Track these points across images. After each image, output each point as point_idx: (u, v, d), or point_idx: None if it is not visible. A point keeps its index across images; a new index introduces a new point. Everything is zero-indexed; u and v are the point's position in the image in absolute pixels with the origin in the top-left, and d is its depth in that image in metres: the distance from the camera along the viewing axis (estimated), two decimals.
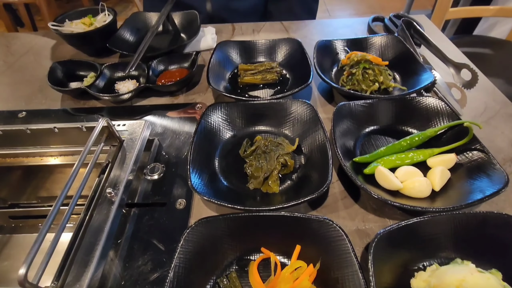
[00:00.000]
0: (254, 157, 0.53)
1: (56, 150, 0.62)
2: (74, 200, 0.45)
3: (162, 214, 0.50)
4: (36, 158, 0.63)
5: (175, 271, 0.37)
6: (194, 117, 0.66)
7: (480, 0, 1.98)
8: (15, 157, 0.63)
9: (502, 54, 1.49)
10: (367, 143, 0.57)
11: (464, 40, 1.63)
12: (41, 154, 0.62)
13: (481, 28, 2.11)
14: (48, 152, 0.62)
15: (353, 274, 0.36)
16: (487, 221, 0.40)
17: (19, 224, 0.69)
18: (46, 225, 0.39)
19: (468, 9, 1.60)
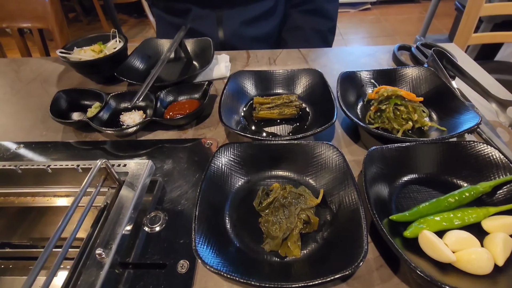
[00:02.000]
0: (271, 211, 0.45)
1: (50, 191, 0.56)
2: (65, 247, 0.39)
3: (160, 279, 0.42)
4: (28, 199, 0.57)
5: None
6: (203, 155, 0.60)
7: (503, 26, 1.91)
8: (6, 196, 0.57)
9: None
10: (405, 197, 0.48)
11: (487, 66, 1.55)
12: (33, 194, 0.57)
13: (502, 54, 2.03)
14: (41, 192, 0.56)
15: None
16: None
17: (9, 266, 0.63)
18: (34, 271, 0.31)
19: (491, 35, 1.54)
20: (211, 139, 0.63)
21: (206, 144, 0.62)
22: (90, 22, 3.57)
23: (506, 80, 1.43)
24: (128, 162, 0.54)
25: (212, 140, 0.63)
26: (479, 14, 1.35)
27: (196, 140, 0.63)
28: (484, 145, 0.48)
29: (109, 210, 0.48)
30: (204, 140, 0.63)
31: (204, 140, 0.63)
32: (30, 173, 0.53)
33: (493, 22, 1.97)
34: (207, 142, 0.62)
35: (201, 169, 0.57)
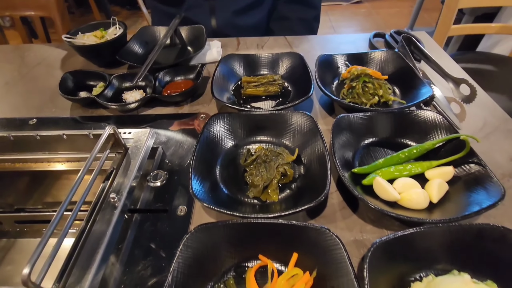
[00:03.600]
0: (254, 166, 0.54)
1: (64, 156, 0.64)
2: (78, 206, 0.47)
3: (163, 221, 0.51)
4: (44, 164, 0.65)
5: (173, 275, 0.38)
6: (197, 127, 0.68)
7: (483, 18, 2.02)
8: (24, 162, 0.65)
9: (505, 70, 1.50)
10: (366, 155, 0.58)
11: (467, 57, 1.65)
12: (49, 160, 0.65)
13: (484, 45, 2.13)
14: (55, 158, 0.64)
15: (349, 283, 0.36)
16: (483, 234, 0.40)
17: (24, 229, 0.70)
18: (50, 229, 0.40)
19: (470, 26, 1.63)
20: (204, 114, 0.72)
21: (200, 117, 0.71)
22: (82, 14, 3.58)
23: (482, 69, 1.54)
24: (133, 130, 0.63)
25: (205, 114, 0.71)
26: (458, 6, 1.44)
27: (191, 115, 0.72)
28: (430, 112, 0.58)
29: (117, 170, 0.56)
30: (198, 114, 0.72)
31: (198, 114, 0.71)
32: (47, 140, 0.61)
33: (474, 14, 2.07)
34: (201, 115, 0.71)
35: (196, 138, 0.65)
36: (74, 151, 0.64)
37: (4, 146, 0.62)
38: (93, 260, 0.43)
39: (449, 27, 1.53)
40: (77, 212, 0.46)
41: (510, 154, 0.59)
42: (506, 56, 1.65)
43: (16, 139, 0.61)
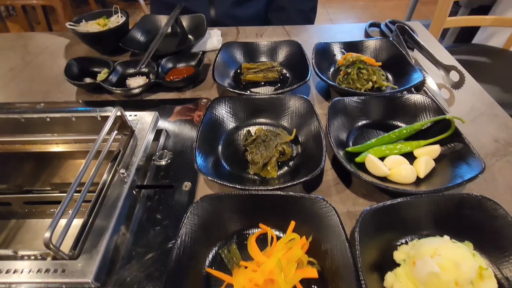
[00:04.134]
0: (255, 146, 0.58)
1: (72, 138, 0.67)
2: (88, 182, 0.49)
3: (169, 195, 0.54)
4: (53, 146, 0.68)
5: (181, 239, 0.41)
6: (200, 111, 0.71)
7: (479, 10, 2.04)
8: (34, 144, 0.68)
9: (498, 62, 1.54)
10: (359, 136, 0.61)
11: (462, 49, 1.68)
12: (57, 141, 0.67)
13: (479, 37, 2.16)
14: (64, 140, 0.67)
15: (341, 245, 0.40)
16: (463, 202, 0.44)
17: (32, 210, 0.73)
18: (67, 198, 0.43)
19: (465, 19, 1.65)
20: (206, 99, 0.75)
21: (202, 102, 0.74)
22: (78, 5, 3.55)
23: (476, 61, 1.57)
24: (138, 113, 0.66)
25: (206, 99, 0.74)
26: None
27: (193, 100, 0.75)
28: (420, 96, 0.61)
29: (124, 150, 0.59)
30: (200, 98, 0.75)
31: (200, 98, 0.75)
32: (57, 121, 0.64)
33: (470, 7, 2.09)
34: (202, 100, 0.74)
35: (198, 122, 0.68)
36: (82, 133, 0.66)
37: (15, 128, 0.65)
38: (106, 229, 0.46)
39: (445, 19, 1.56)
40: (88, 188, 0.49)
41: (494, 136, 0.63)
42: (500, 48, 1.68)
43: (26, 121, 0.64)
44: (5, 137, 0.67)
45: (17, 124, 0.64)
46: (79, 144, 0.68)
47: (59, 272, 0.41)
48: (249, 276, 0.38)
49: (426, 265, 0.36)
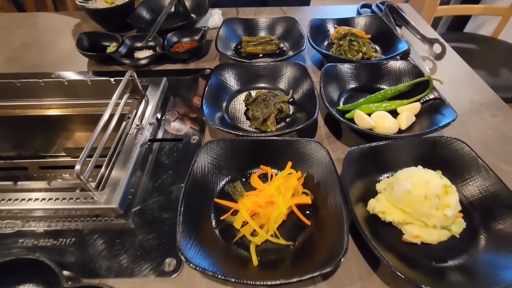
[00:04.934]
0: (255, 104, 0.64)
1: (86, 102, 0.72)
2: (110, 128, 0.55)
3: (179, 147, 0.61)
4: (69, 109, 0.74)
5: (192, 174, 0.48)
6: (203, 80, 0.77)
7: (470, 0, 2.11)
8: (50, 108, 0.74)
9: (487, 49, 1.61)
10: (349, 97, 0.68)
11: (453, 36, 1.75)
12: (73, 105, 0.73)
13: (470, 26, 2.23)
14: (79, 104, 0.73)
15: (331, 176, 0.47)
16: (437, 143, 0.51)
17: (47, 174, 0.79)
18: (95, 134, 0.49)
19: (455, 7, 1.72)
20: (209, 69, 0.81)
21: (206, 71, 0.80)
22: None
23: (466, 48, 1.64)
24: (148, 78, 0.71)
25: (210, 69, 0.80)
26: None
27: (197, 71, 0.81)
28: (403, 62, 0.68)
29: (137, 110, 0.65)
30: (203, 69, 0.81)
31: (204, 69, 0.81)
32: (73, 85, 0.69)
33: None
34: (206, 70, 0.80)
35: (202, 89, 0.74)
36: (96, 97, 0.72)
37: (34, 92, 0.70)
38: (125, 170, 0.52)
39: (436, 7, 1.62)
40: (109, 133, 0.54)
41: (470, 98, 0.70)
42: (489, 37, 1.75)
43: (46, 84, 0.69)
44: (24, 101, 0.72)
45: (37, 88, 0.69)
46: (93, 107, 0.73)
47: (88, 199, 0.47)
48: (252, 200, 0.45)
49: (401, 186, 0.43)
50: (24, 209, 0.47)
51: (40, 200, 0.48)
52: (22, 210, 0.48)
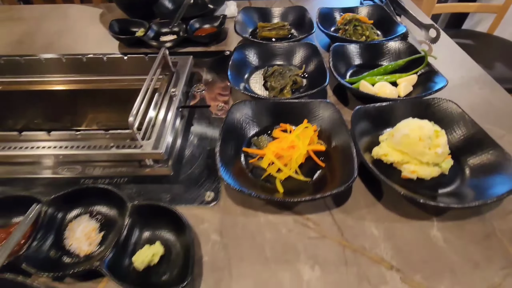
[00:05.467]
0: (273, 77, 0.73)
1: (124, 78, 0.81)
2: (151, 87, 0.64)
3: (207, 113, 0.70)
4: (106, 84, 0.83)
5: (225, 126, 0.57)
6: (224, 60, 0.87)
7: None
8: (91, 83, 0.82)
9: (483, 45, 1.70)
10: (355, 73, 0.77)
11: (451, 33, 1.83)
12: (110, 80, 0.82)
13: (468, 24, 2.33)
14: (116, 79, 0.82)
15: (341, 129, 0.56)
16: (431, 103, 0.60)
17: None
18: (141, 93, 0.58)
19: (453, 5, 1.82)
20: (228, 50, 0.90)
21: (225, 53, 0.89)
22: None
23: (463, 44, 1.73)
24: (177, 56, 0.81)
25: (229, 51, 0.90)
26: None
27: (218, 53, 0.90)
28: (401, 42, 0.78)
29: (168, 84, 0.75)
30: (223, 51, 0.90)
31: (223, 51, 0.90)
32: (111, 61, 0.79)
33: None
34: (225, 52, 0.90)
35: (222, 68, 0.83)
36: (130, 74, 0.81)
37: (76, 68, 0.80)
38: (165, 125, 0.61)
39: (433, 5, 1.72)
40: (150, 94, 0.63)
41: (460, 74, 0.79)
42: (485, 33, 1.84)
43: (88, 60, 0.78)
44: (64, 76, 0.81)
45: (80, 64, 0.79)
46: (127, 82, 0.82)
47: (138, 147, 0.56)
48: (276, 145, 0.54)
49: (400, 132, 0.52)
50: (83, 154, 0.56)
51: (97, 147, 0.57)
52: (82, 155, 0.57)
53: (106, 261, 0.40)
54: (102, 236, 0.47)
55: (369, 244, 0.46)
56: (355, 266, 0.44)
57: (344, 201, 0.52)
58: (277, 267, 0.44)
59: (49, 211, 0.47)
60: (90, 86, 0.82)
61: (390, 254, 0.45)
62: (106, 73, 0.81)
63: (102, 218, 0.49)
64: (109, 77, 0.81)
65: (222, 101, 0.72)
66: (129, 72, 0.81)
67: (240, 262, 0.44)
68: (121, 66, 0.80)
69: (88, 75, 0.81)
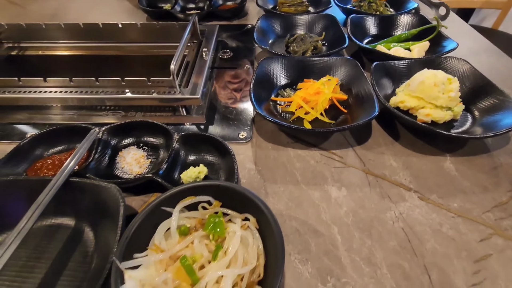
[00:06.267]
0: (295, 42, 0.79)
1: (157, 45, 0.87)
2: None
3: (235, 72, 0.76)
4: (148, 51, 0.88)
5: (255, 79, 0.63)
6: (246, 32, 0.93)
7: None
8: (126, 50, 0.88)
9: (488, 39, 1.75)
10: (371, 42, 0.83)
11: None
12: (143, 48, 0.88)
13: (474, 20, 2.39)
14: (151, 46, 0.87)
15: (362, 80, 0.62)
16: (443, 61, 0.66)
17: None
18: (179, 47, 0.64)
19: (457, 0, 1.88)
20: (250, 24, 0.96)
21: (246, 27, 0.96)
22: None
23: None
24: (203, 25, 0.87)
25: (251, 24, 0.96)
26: None
27: (241, 26, 0.96)
28: (414, 14, 0.84)
29: (198, 49, 0.81)
30: (245, 24, 0.96)
31: (245, 24, 0.96)
32: (145, 27, 0.85)
33: None
34: (247, 26, 0.96)
35: (245, 39, 0.90)
36: (161, 41, 0.87)
37: (112, 35, 0.86)
38: (200, 77, 0.67)
39: None
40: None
41: (469, 46, 0.85)
42: (490, 28, 1.89)
43: (123, 26, 0.84)
44: (103, 42, 0.87)
45: (115, 30, 0.85)
46: (159, 49, 0.88)
47: (177, 93, 0.62)
48: (303, 92, 0.60)
49: (416, 80, 0.57)
50: (128, 98, 0.62)
51: (140, 92, 0.63)
52: (126, 99, 0.63)
53: (160, 172, 0.46)
54: (150, 162, 0.53)
55: (389, 172, 0.51)
56: (378, 188, 0.49)
57: (365, 140, 0.57)
58: (307, 188, 0.49)
59: (104, 137, 0.53)
60: (125, 52, 0.88)
61: (408, 180, 0.50)
62: (140, 40, 0.87)
63: (149, 148, 0.55)
64: (142, 44, 0.87)
65: (247, 63, 0.78)
66: (161, 40, 0.87)
67: (274, 184, 0.50)
68: (152, 32, 0.86)
69: (120, 41, 0.87)
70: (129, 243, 0.32)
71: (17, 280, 0.37)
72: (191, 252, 0.33)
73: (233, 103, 0.67)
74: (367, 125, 0.60)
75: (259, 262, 0.33)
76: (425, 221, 0.44)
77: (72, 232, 0.42)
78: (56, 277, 0.37)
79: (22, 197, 0.41)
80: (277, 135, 0.59)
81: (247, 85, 0.71)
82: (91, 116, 0.65)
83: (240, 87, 0.72)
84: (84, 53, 0.87)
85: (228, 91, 0.71)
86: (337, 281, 0.38)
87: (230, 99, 0.68)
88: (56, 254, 0.40)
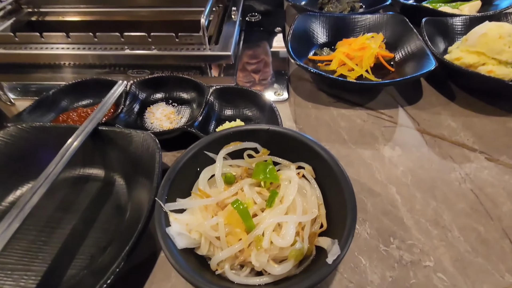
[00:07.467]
0: (331, 3, 0.73)
1: (181, 9, 0.82)
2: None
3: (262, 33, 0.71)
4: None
5: (292, 34, 0.57)
6: None
7: None
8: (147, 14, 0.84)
9: None
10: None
11: None
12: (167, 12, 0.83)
13: None
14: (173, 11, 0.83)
15: (411, 36, 0.55)
16: (495, 16, 0.58)
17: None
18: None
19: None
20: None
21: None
22: None
23: None
24: None
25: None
26: None
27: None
28: None
29: (225, 11, 0.75)
30: None
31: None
32: None
33: None
34: None
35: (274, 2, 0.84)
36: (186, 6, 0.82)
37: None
38: (230, 36, 0.62)
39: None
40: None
41: None
42: None
43: None
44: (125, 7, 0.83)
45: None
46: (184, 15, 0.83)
47: (207, 49, 0.58)
48: (346, 47, 0.54)
49: (477, 33, 0.51)
50: (154, 54, 0.58)
51: (168, 49, 0.58)
52: (153, 56, 0.58)
53: (195, 124, 0.42)
54: (180, 118, 0.48)
55: (447, 133, 0.46)
56: (437, 148, 0.43)
57: (416, 100, 0.51)
58: (356, 147, 0.44)
59: (132, 90, 0.49)
60: (147, 18, 0.84)
61: (472, 140, 0.44)
62: (163, 5, 0.82)
63: (179, 105, 0.51)
64: (165, 9, 0.83)
65: (278, 25, 0.73)
66: (186, 4, 0.82)
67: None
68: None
69: (142, 6, 0.83)
70: (171, 185, 0.28)
71: (45, 231, 0.34)
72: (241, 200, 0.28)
73: (251, 86, 0.59)
74: (417, 84, 0.54)
75: (320, 212, 0.28)
76: (497, 182, 0.39)
77: (102, 184, 0.38)
78: (86, 229, 0.34)
79: (50, 145, 0.37)
80: (317, 94, 0.53)
81: (266, 66, 0.65)
82: (116, 76, 0.61)
83: (258, 68, 0.65)
84: (105, 18, 0.83)
85: (247, 73, 0.64)
86: (401, 243, 0.33)
87: (249, 82, 0.59)
88: (85, 206, 0.36)
